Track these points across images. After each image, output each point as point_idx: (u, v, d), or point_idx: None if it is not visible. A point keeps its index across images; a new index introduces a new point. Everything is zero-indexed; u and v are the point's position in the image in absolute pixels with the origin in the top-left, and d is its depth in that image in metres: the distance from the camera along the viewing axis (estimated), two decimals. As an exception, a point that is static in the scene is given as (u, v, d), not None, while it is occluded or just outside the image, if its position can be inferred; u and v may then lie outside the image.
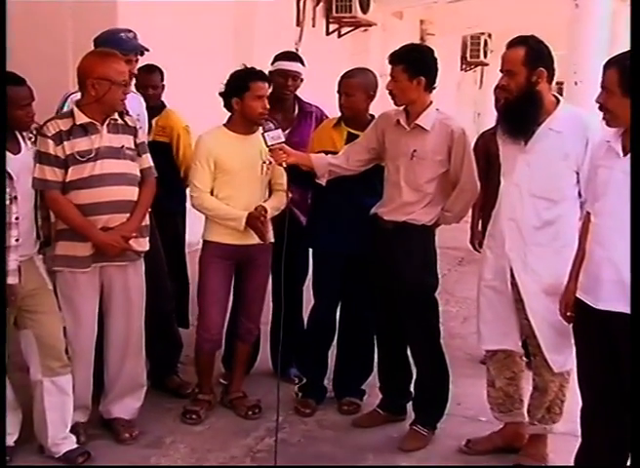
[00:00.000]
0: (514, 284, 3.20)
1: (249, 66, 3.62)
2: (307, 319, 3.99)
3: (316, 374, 3.95)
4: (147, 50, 3.73)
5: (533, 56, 3.03)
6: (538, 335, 3.16)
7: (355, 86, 3.66)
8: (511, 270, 3.19)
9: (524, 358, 3.42)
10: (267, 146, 3.42)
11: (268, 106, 3.55)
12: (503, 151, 3.24)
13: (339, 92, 3.71)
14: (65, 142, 3.15)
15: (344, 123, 3.76)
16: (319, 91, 4.52)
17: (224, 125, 3.64)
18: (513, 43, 3.08)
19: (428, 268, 3.50)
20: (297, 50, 8.02)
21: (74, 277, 3.27)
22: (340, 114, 3.78)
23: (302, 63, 4.06)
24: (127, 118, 3.36)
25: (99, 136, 3.21)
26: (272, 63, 4.04)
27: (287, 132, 3.89)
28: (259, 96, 3.51)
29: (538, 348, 3.22)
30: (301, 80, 4.05)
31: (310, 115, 4.10)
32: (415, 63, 3.32)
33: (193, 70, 6.00)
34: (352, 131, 3.72)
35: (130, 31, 3.69)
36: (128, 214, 3.27)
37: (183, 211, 4.42)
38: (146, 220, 3.40)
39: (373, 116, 3.75)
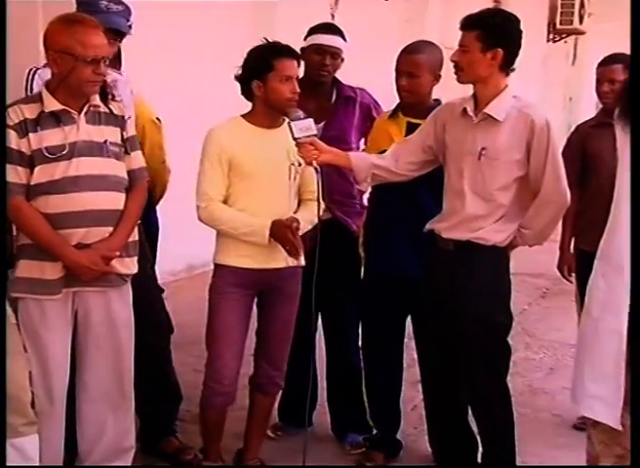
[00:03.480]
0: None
1: (271, 41, 3.60)
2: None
3: (386, 425, 4.07)
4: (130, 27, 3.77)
5: None
6: None
7: (421, 64, 3.70)
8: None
9: None
10: (294, 139, 3.41)
11: (299, 90, 3.52)
12: (622, 144, 3.08)
13: (397, 70, 3.74)
14: (31, 134, 3.15)
15: (402, 112, 3.80)
16: (362, 69, 4.49)
17: (242, 116, 3.63)
18: None
19: (500, 302, 3.47)
20: (332, 16, 8.06)
21: (40, 306, 3.26)
22: (397, 101, 3.81)
23: (344, 38, 4.10)
24: (113, 105, 3.36)
25: (74, 127, 3.21)
26: (305, 38, 4.06)
27: (322, 124, 3.90)
28: (286, 76, 3.49)
29: None
30: (342, 60, 4.09)
31: (353, 101, 4.10)
32: (493, 30, 3.31)
33: (188, 46, 5.98)
34: (413, 120, 3.76)
35: (120, 2, 3.70)
36: (110, 228, 3.26)
37: (154, 232, 4.35)
38: (135, 236, 3.40)
39: (438, 101, 3.78)
